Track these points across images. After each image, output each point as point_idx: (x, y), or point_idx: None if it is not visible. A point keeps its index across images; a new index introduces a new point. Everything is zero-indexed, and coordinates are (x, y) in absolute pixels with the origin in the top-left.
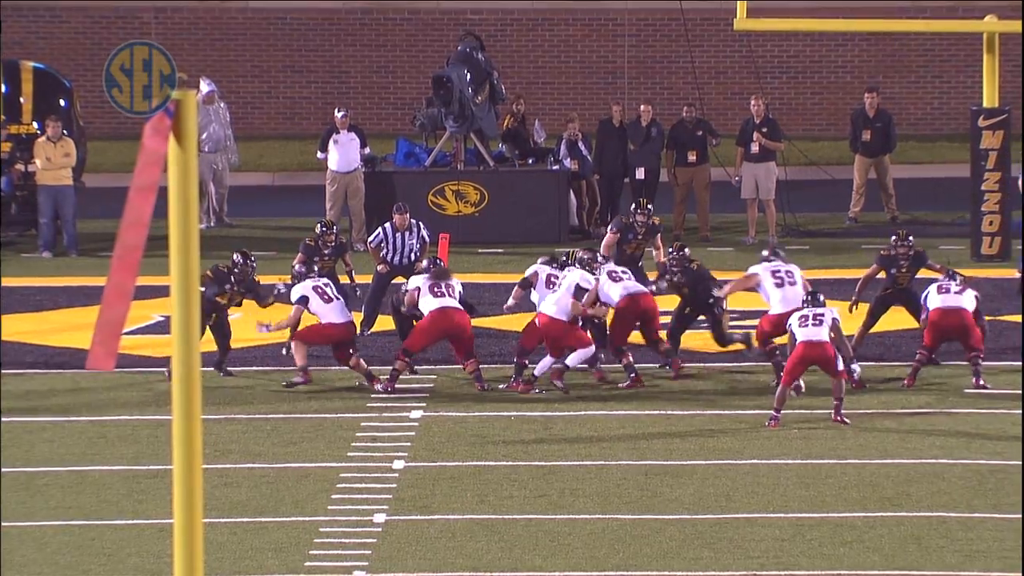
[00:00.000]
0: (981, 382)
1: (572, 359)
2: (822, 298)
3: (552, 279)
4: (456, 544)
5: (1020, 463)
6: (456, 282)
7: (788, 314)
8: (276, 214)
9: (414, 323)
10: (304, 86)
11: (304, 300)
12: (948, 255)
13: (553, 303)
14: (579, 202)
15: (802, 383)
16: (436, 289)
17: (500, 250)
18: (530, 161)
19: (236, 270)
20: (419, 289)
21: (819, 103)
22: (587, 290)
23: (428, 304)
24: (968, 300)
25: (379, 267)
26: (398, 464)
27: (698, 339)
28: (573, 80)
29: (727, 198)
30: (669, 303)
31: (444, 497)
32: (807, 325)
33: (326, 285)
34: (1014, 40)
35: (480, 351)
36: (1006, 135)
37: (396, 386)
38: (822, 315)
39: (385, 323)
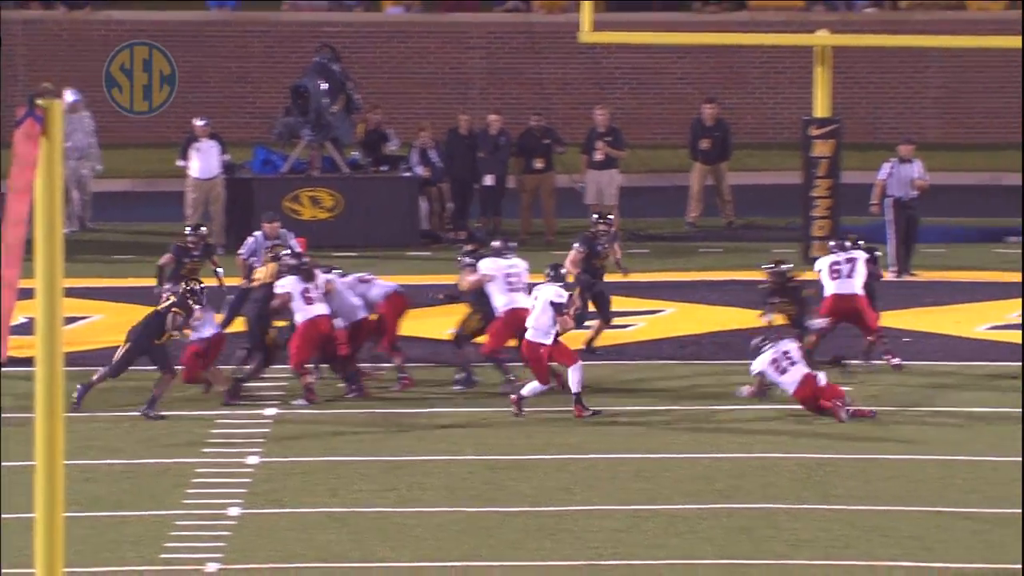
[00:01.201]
0: (895, 361)
1: (575, 383)
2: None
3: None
4: (308, 536)
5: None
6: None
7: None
8: (137, 219)
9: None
10: (164, 96)
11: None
12: (781, 258)
13: (533, 327)
14: (430, 208)
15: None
16: (308, 295)
17: (354, 254)
18: (383, 168)
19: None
20: (290, 294)
21: (660, 113)
22: (561, 304)
23: (300, 312)
24: (859, 281)
25: (244, 282)
26: (252, 460)
27: None
28: (425, 90)
29: (572, 204)
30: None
31: (296, 491)
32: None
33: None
34: (843, 53)
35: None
36: (837, 144)
37: (253, 384)
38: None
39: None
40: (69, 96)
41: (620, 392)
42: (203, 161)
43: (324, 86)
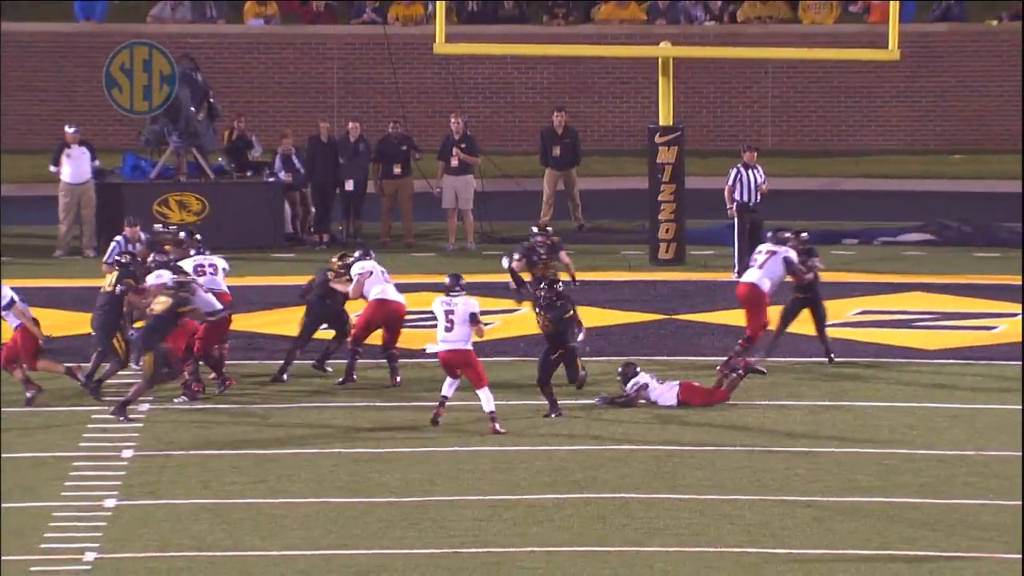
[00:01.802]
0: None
1: (489, 403)
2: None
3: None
4: (182, 527)
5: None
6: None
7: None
8: (13, 223)
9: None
10: (36, 104)
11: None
12: (629, 259)
13: (452, 336)
14: (293, 211)
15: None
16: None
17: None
18: (248, 173)
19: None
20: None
21: (512, 121)
22: (478, 315)
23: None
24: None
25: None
26: (127, 453)
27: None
28: (286, 99)
29: (429, 207)
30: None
31: (170, 483)
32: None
33: None
34: (685, 64)
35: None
36: (680, 150)
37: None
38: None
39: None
40: None
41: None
42: (75, 167)
43: (188, 95)
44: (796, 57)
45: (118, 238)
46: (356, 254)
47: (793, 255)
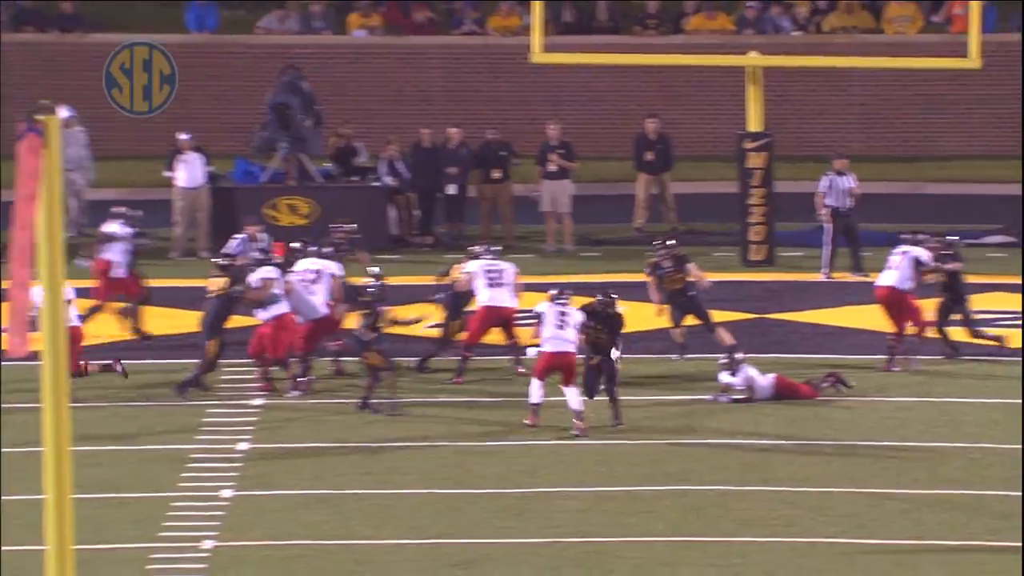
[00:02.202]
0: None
1: (576, 402)
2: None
3: (490, 273)
4: (295, 516)
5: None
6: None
7: None
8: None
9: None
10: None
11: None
12: (720, 261)
13: (564, 336)
14: (398, 214)
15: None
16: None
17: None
18: (354, 178)
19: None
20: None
21: (607, 127)
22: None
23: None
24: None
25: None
26: (242, 445)
27: None
28: (391, 107)
29: (528, 211)
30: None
31: (284, 474)
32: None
33: None
34: (773, 73)
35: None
36: (769, 156)
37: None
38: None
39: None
40: (64, 112)
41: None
42: (188, 172)
43: (297, 102)
44: (880, 66)
45: (239, 236)
46: (478, 248)
47: (924, 255)
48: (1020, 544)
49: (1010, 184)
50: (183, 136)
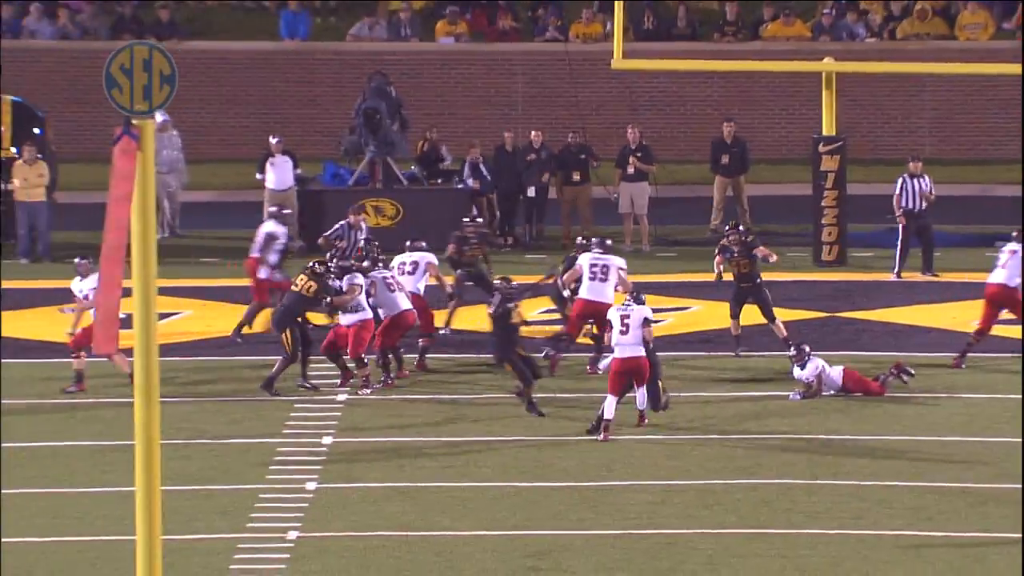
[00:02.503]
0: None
1: (642, 401)
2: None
3: (594, 267)
4: (377, 508)
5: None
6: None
7: None
8: (220, 227)
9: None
10: (244, 116)
11: None
12: (793, 261)
13: (626, 340)
14: (480, 215)
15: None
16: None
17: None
18: (439, 181)
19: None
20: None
21: (684, 131)
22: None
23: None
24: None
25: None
26: (326, 439)
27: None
28: (475, 111)
29: (607, 212)
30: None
31: (366, 467)
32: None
33: None
34: (847, 78)
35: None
36: (842, 159)
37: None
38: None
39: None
40: (159, 116)
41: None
42: (278, 175)
43: (384, 107)
44: (952, 72)
45: (342, 223)
46: (579, 240)
47: None
48: None
49: None
50: (273, 140)
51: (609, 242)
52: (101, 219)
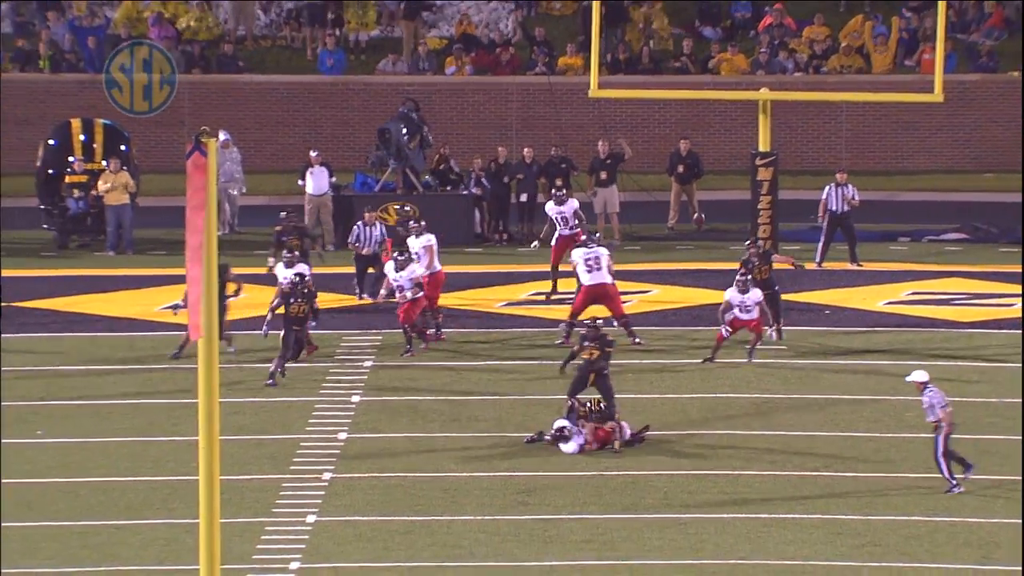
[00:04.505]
0: (638, 340)
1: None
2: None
3: (588, 260)
4: (394, 455)
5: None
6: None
7: None
8: (271, 224)
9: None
10: (291, 136)
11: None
12: (736, 253)
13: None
14: (481, 217)
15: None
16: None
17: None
18: (448, 188)
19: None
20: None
21: (648, 147)
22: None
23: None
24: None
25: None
26: (355, 398)
27: None
28: (478, 132)
29: (584, 213)
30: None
31: (388, 421)
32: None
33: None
34: (779, 105)
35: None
36: (775, 171)
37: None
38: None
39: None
40: (222, 136)
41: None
42: (316, 182)
43: (404, 129)
44: (865, 99)
45: (358, 223)
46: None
47: None
48: None
49: (967, 193)
50: (313, 153)
51: (597, 235)
52: (175, 219)
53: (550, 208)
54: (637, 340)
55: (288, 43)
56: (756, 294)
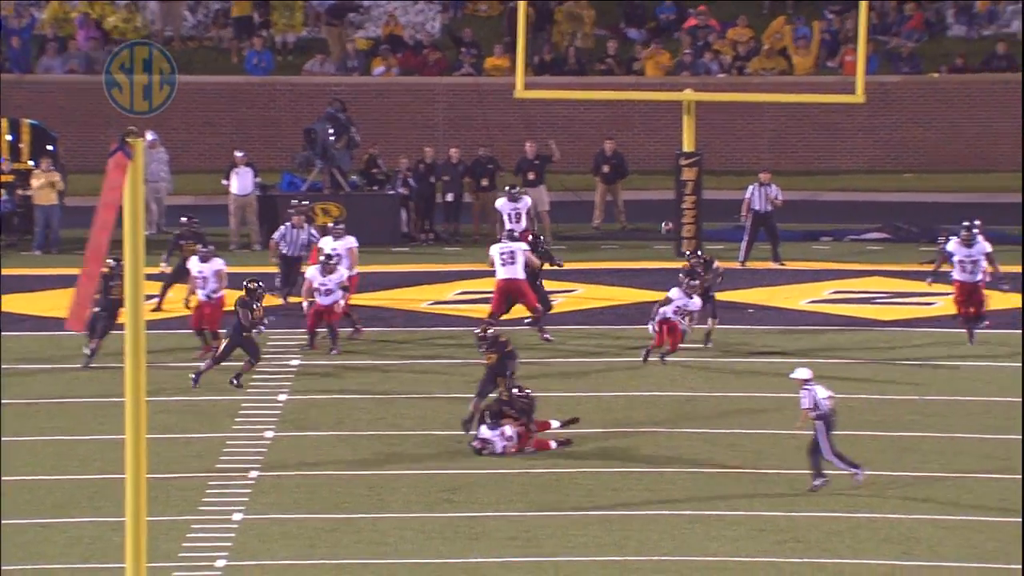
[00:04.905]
0: (547, 335)
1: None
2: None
3: (503, 254)
4: (322, 452)
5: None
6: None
7: None
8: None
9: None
10: (218, 136)
11: None
12: (660, 252)
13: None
14: (408, 216)
15: None
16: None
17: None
18: (375, 188)
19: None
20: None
21: (573, 147)
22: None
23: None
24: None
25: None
26: (282, 396)
27: None
28: (405, 132)
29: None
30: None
31: (314, 418)
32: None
33: None
34: (703, 106)
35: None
36: (699, 171)
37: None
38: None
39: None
40: (149, 136)
41: (540, 349)
42: (240, 182)
43: (331, 129)
44: (787, 100)
45: (286, 223)
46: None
47: None
48: None
49: (887, 193)
50: (238, 153)
51: (516, 233)
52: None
53: (502, 204)
54: (547, 336)
55: (215, 44)
56: (697, 303)
